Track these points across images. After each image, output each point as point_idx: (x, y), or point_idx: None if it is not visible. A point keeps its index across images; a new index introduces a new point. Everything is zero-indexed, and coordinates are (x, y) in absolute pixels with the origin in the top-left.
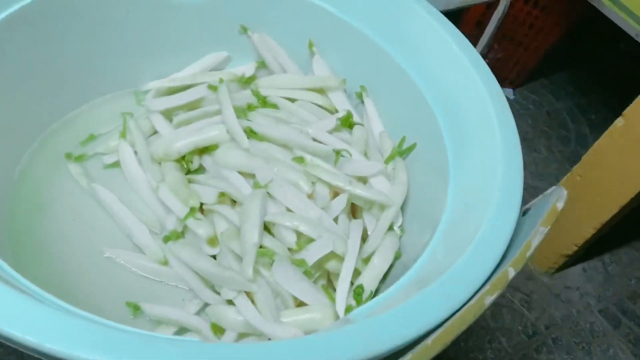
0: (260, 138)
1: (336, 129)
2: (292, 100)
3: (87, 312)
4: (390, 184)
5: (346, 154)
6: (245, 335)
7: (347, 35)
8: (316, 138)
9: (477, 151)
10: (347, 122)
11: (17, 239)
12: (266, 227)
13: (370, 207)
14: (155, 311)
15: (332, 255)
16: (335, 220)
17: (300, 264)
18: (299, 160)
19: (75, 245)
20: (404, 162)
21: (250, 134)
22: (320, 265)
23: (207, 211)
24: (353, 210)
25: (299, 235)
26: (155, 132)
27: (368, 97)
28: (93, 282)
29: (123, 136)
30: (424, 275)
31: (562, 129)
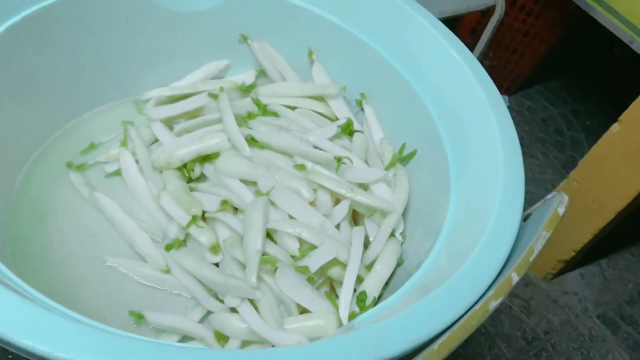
0: (262, 146)
1: (336, 137)
2: (293, 108)
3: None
4: (391, 190)
5: (347, 161)
6: (249, 343)
7: (347, 43)
8: (317, 145)
9: (478, 157)
10: (348, 130)
11: (18, 248)
12: (268, 234)
13: (372, 214)
14: (159, 320)
15: (334, 262)
16: (337, 227)
17: (304, 270)
18: (301, 167)
19: (77, 254)
20: (405, 169)
21: (252, 141)
22: (323, 272)
23: (209, 219)
24: (354, 217)
25: (302, 242)
26: (156, 141)
27: (368, 104)
28: (95, 291)
29: (124, 145)
30: (428, 281)
31: (558, 135)
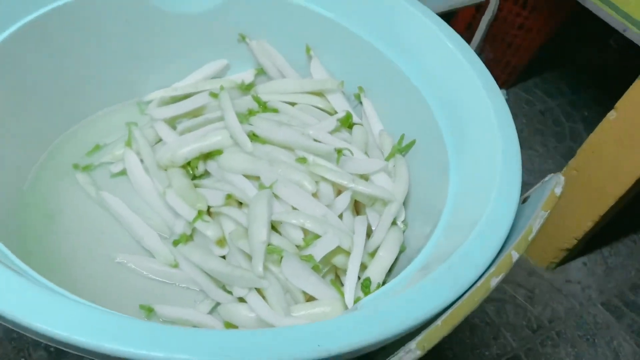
0: (263, 141)
1: (336, 130)
2: (292, 104)
3: None
4: (391, 180)
5: (347, 153)
6: None
7: (344, 39)
8: (317, 139)
9: (475, 143)
10: (347, 123)
11: (27, 248)
12: (273, 226)
13: (373, 204)
14: (169, 312)
15: (338, 250)
16: (340, 217)
17: (309, 259)
18: (302, 160)
19: (85, 252)
20: (405, 159)
21: (253, 137)
22: (328, 260)
23: (215, 214)
24: (356, 207)
25: (306, 232)
26: (160, 141)
27: (366, 97)
28: (105, 286)
29: (129, 145)
30: (429, 262)
31: (556, 126)
